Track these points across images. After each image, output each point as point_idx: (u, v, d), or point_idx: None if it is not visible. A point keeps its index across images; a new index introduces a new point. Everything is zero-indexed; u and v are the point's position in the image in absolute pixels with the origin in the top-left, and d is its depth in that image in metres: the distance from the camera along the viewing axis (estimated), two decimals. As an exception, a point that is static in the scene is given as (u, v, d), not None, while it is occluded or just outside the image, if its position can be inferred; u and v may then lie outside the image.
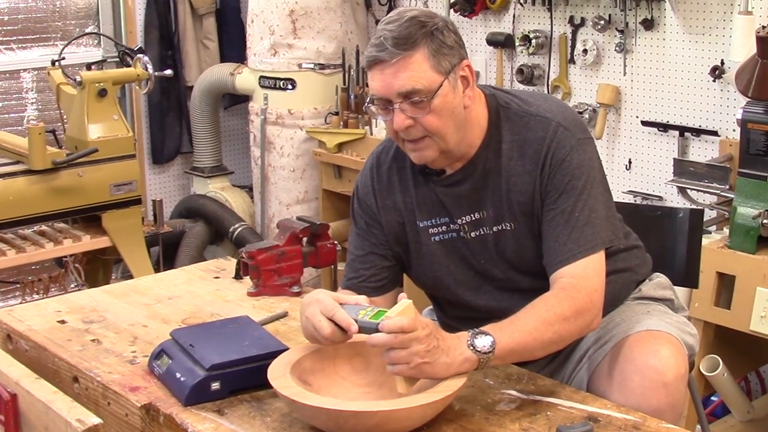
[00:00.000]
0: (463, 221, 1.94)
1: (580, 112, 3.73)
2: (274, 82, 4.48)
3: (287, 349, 1.82)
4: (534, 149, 1.88)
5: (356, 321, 1.68)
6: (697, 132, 3.50)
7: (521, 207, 1.89)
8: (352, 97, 4.31)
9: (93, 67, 3.93)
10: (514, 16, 4.04)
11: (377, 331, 1.64)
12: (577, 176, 1.85)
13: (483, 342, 1.67)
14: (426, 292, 2.11)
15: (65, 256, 3.91)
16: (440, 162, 1.90)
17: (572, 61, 3.87)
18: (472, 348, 1.66)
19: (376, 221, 2.02)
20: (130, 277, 3.58)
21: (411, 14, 1.83)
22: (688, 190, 3.26)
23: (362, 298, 1.76)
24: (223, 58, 4.99)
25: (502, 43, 4.04)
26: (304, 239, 2.39)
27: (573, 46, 3.85)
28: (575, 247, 1.82)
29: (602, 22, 3.70)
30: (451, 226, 1.95)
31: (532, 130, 1.89)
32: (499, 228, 1.92)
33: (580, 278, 1.81)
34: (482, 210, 1.92)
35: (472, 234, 1.94)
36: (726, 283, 2.87)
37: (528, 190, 1.88)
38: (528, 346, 1.73)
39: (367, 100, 1.89)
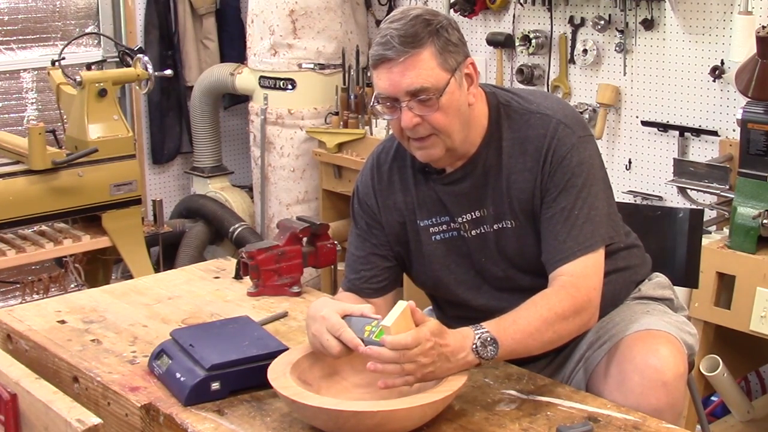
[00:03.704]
0: (464, 219, 1.94)
1: (581, 112, 3.73)
2: (274, 82, 4.48)
3: (287, 349, 1.82)
4: (535, 147, 1.88)
5: (363, 340, 1.67)
6: (697, 132, 3.50)
7: (521, 204, 1.89)
8: (352, 97, 4.30)
9: (93, 67, 3.93)
10: (514, 16, 4.04)
11: None
12: (578, 174, 1.85)
13: (488, 349, 1.68)
14: (426, 292, 2.11)
15: (65, 256, 3.91)
16: (444, 160, 1.90)
17: (572, 61, 3.87)
18: (476, 354, 1.68)
19: (377, 221, 2.01)
20: (130, 277, 3.58)
21: (415, 12, 1.83)
22: (688, 190, 3.25)
23: (367, 308, 1.74)
24: (223, 58, 4.99)
25: (502, 43, 4.04)
26: (304, 239, 2.39)
27: (573, 46, 3.85)
28: (575, 245, 1.82)
29: (602, 22, 3.70)
30: (452, 225, 1.95)
31: (532, 128, 1.89)
32: (500, 226, 1.92)
33: (580, 276, 1.81)
34: (483, 208, 1.92)
35: (473, 232, 1.94)
36: (726, 283, 2.86)
37: (528, 188, 1.88)
38: (528, 346, 1.75)
39: (372, 99, 1.88)
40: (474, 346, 1.68)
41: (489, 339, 1.69)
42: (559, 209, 1.85)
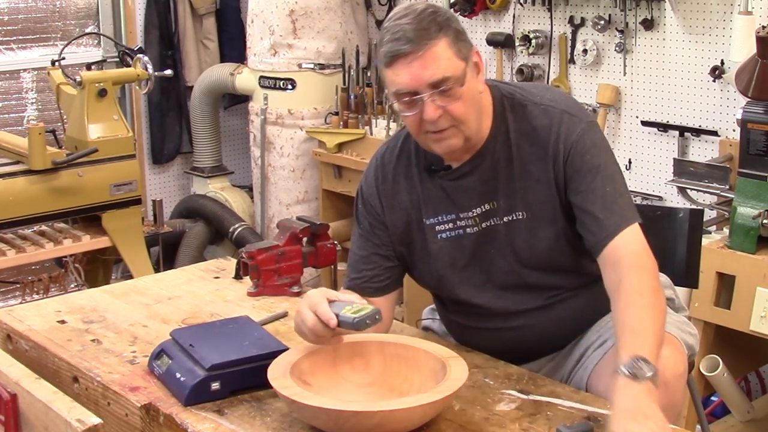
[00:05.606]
0: (473, 214, 1.93)
1: (580, 112, 3.74)
2: (274, 82, 4.48)
3: (287, 349, 1.82)
4: (542, 137, 1.88)
5: (337, 316, 1.70)
6: (697, 132, 3.50)
7: (535, 195, 1.88)
8: (352, 97, 4.30)
9: (93, 67, 3.93)
10: (514, 16, 4.04)
11: (354, 325, 1.69)
12: (594, 154, 1.85)
13: (642, 368, 1.58)
14: (428, 290, 2.11)
15: (65, 256, 3.91)
16: (459, 152, 1.89)
17: (572, 61, 3.87)
18: (636, 378, 1.57)
19: (381, 222, 2.01)
20: (130, 277, 3.58)
21: (421, 7, 1.83)
22: (688, 190, 3.26)
23: (355, 296, 1.78)
24: (223, 58, 4.99)
25: (502, 43, 4.04)
26: (304, 239, 2.39)
27: (573, 46, 3.85)
28: (618, 219, 1.81)
29: (602, 22, 3.70)
30: (458, 222, 1.95)
31: (538, 119, 1.89)
32: (511, 218, 1.91)
33: (636, 244, 1.79)
34: (493, 200, 1.91)
35: (483, 225, 1.92)
36: (726, 283, 2.86)
37: (543, 178, 1.87)
38: (657, 333, 1.66)
39: (391, 98, 1.86)
40: (628, 375, 1.57)
41: (634, 364, 1.58)
42: (590, 191, 1.83)
